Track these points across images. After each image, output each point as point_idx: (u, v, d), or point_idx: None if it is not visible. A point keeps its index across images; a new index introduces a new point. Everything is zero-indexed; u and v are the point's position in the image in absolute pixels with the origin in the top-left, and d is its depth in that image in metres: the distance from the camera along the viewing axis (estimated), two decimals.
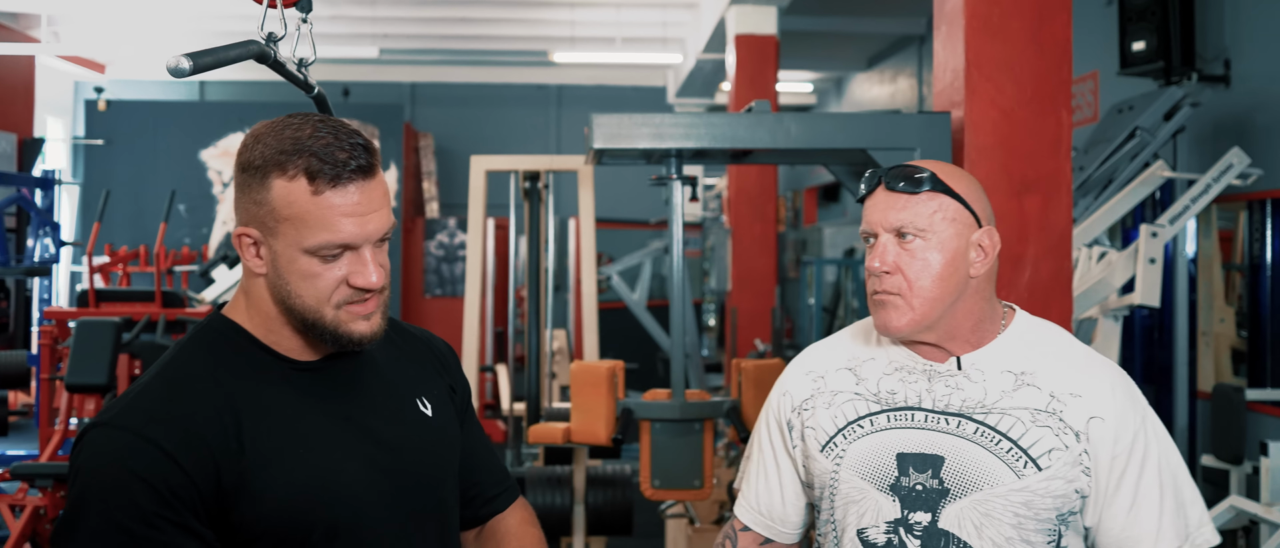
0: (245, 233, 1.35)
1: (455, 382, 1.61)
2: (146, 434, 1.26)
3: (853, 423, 1.60)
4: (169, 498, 1.24)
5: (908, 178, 1.54)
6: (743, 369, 3.16)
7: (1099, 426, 1.50)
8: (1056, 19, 3.23)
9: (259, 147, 1.33)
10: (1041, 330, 1.61)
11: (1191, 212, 4.41)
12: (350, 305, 1.35)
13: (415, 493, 1.42)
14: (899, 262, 1.53)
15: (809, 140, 3.10)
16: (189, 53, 1.52)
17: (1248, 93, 5.39)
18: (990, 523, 1.49)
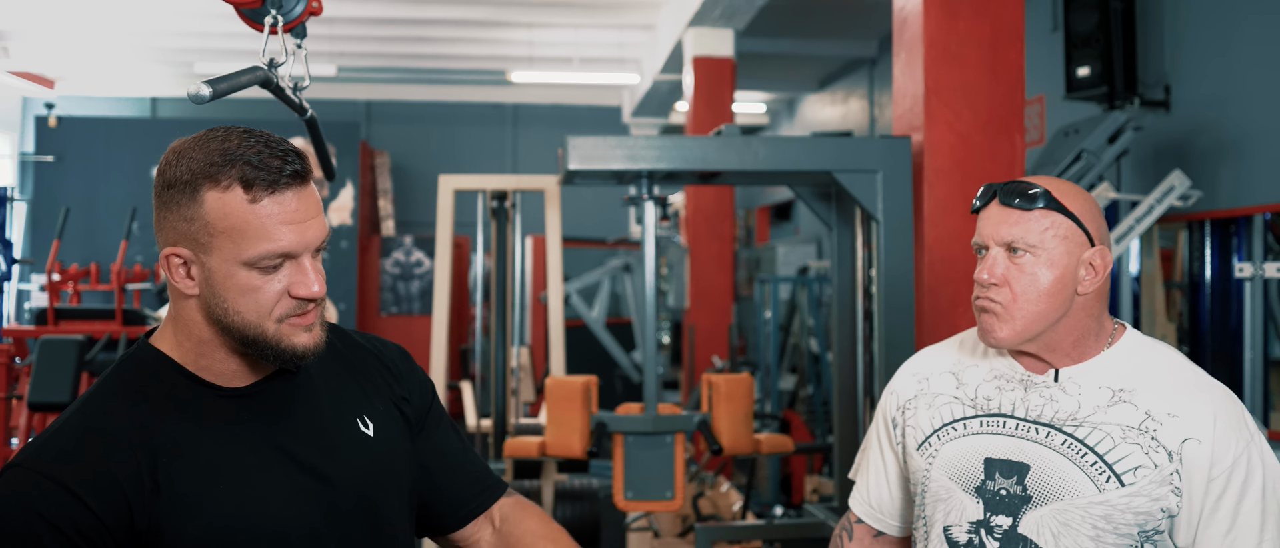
0: (174, 253, 1.29)
1: (409, 390, 1.55)
2: (55, 476, 1.22)
3: (948, 425, 1.66)
4: (77, 541, 1.21)
5: (1022, 194, 1.55)
6: (713, 383, 3.26)
7: (1194, 447, 1.50)
8: (1010, 48, 3.38)
9: (184, 161, 1.28)
10: (1149, 350, 1.62)
11: (1136, 232, 4.59)
12: (292, 318, 1.31)
13: (349, 519, 1.38)
14: (1008, 275, 1.56)
15: (776, 162, 3.22)
16: (208, 80, 1.61)
17: (1187, 117, 5.61)
18: (1067, 532, 1.52)
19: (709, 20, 7.91)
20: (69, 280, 8.00)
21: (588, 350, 8.89)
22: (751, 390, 3.26)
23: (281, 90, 1.99)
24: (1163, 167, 5.19)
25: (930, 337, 3.23)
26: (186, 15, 9.75)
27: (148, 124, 12.73)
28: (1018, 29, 3.38)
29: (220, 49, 10.93)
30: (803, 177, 3.41)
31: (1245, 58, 5.18)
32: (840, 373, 3.64)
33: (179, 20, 9.96)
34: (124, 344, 5.45)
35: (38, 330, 5.77)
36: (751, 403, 3.23)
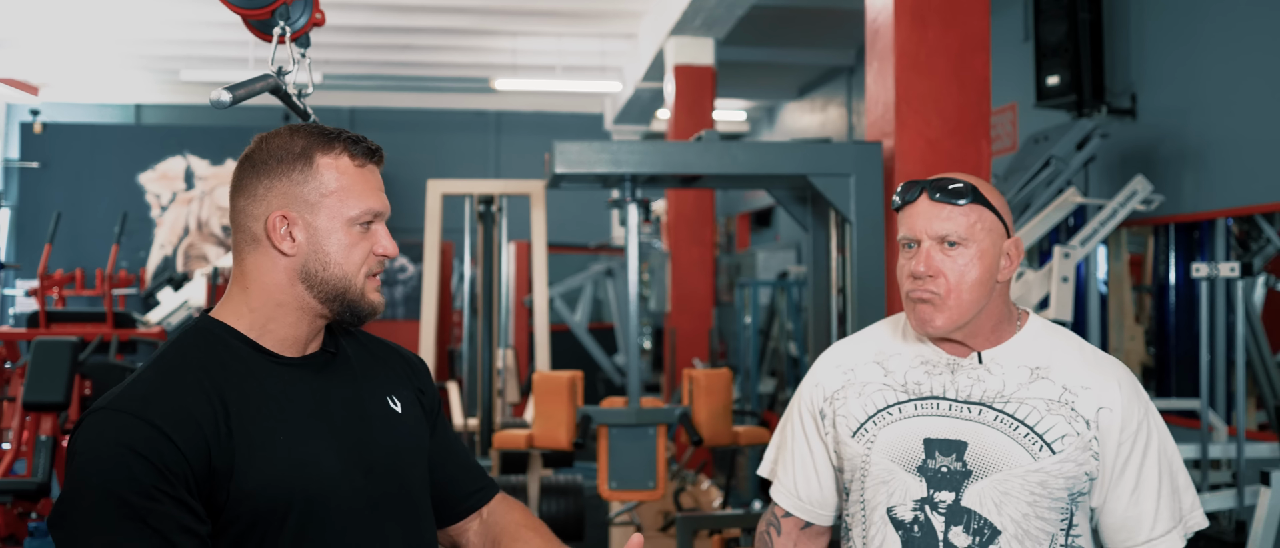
0: (282, 215, 1.47)
1: (424, 388, 1.71)
2: (144, 416, 1.35)
3: (882, 411, 1.73)
4: (165, 473, 1.33)
5: (953, 190, 1.66)
6: (693, 378, 3.40)
7: (1107, 415, 1.65)
8: (976, 58, 3.54)
9: (294, 139, 1.51)
10: (1053, 332, 1.76)
11: (1100, 234, 4.76)
12: (373, 277, 1.53)
13: (382, 481, 1.54)
14: (942, 267, 1.65)
15: (754, 166, 3.36)
16: (227, 86, 1.74)
17: (1153, 125, 5.79)
18: (1008, 501, 1.63)
19: (690, 30, 8.06)
20: (54, 286, 8.08)
21: (571, 354, 9.02)
22: (730, 385, 3.40)
23: (288, 97, 2.12)
24: (1129, 173, 5.35)
25: None
26: (171, 23, 9.83)
27: (132, 130, 12.80)
28: (984, 40, 3.54)
29: (204, 57, 11.01)
30: (779, 180, 3.56)
31: (1208, 68, 5.36)
32: None
33: (164, 27, 10.04)
34: (115, 346, 5.55)
35: (30, 333, 5.86)
36: (730, 397, 3.37)
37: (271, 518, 1.42)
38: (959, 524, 1.65)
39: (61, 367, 5.01)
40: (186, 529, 1.35)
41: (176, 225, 11.54)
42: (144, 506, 1.32)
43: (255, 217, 1.50)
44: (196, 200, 11.58)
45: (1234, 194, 5.16)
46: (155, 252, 11.50)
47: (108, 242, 10.01)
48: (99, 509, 1.32)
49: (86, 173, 11.41)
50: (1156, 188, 5.40)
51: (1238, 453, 3.75)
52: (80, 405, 5.57)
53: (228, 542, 1.41)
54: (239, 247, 1.53)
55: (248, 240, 1.51)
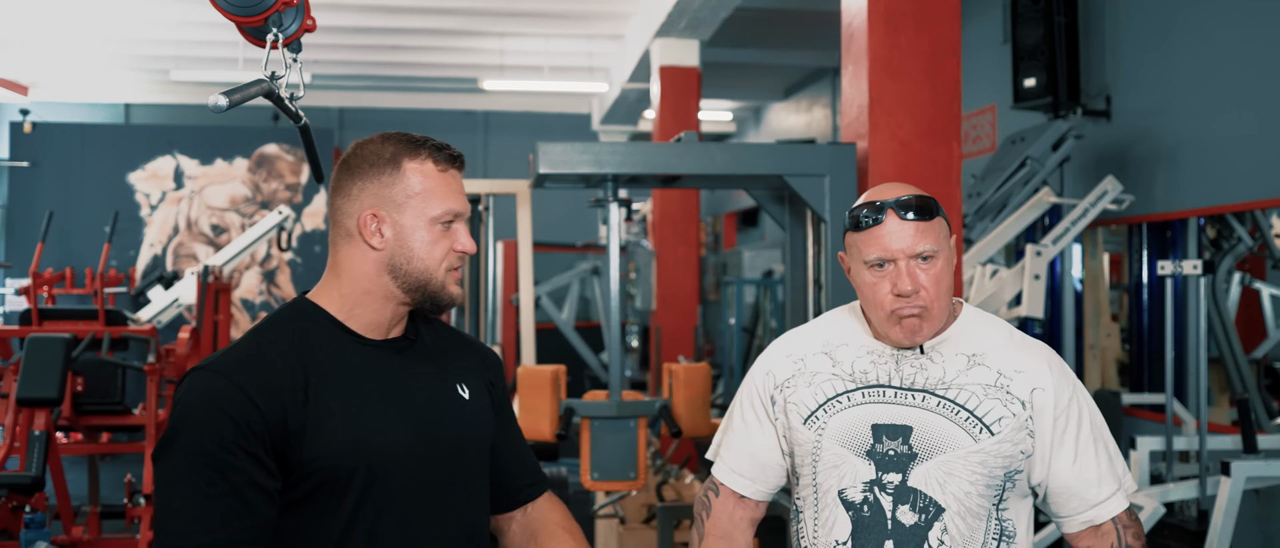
0: (372, 213, 1.66)
1: (494, 380, 1.87)
2: (233, 379, 1.56)
3: (832, 399, 1.82)
4: (246, 430, 1.54)
5: (920, 208, 1.74)
6: (673, 371, 3.51)
7: (1040, 395, 1.76)
8: (948, 62, 3.65)
9: (385, 146, 1.69)
10: (985, 320, 1.87)
11: (1072, 233, 4.88)
12: (453, 270, 1.70)
13: (445, 457, 1.70)
14: (923, 281, 1.73)
15: (732, 167, 3.47)
16: (223, 91, 1.84)
17: (1126, 126, 5.91)
18: (952, 480, 1.74)
19: (675, 31, 8.17)
20: (44, 284, 8.13)
21: (558, 352, 9.11)
22: (708, 378, 3.51)
23: (281, 100, 2.21)
24: (1104, 173, 5.47)
25: None
26: (161, 22, 9.89)
27: (122, 130, 12.85)
28: (955, 45, 3.65)
29: (194, 57, 11.08)
30: (756, 180, 3.67)
31: (1179, 71, 5.49)
32: None
33: (153, 27, 10.10)
34: (107, 343, 5.62)
35: (22, 330, 5.92)
36: (708, 390, 3.48)
37: (336, 482, 1.60)
38: (906, 503, 1.75)
39: (55, 363, 5.08)
40: (257, 485, 1.55)
41: (166, 225, 11.60)
42: (223, 458, 1.53)
43: (350, 214, 1.69)
44: (186, 200, 11.63)
45: (1205, 194, 5.28)
46: (145, 251, 11.55)
47: (97, 241, 10.06)
48: (187, 454, 1.55)
49: (76, 172, 11.44)
50: (1130, 188, 5.52)
51: (1201, 445, 3.87)
52: (72, 402, 5.63)
53: (297, 498, 1.60)
54: (335, 240, 1.72)
55: (342, 235, 1.70)
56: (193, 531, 1.53)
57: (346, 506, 1.61)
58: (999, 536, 1.77)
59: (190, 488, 1.53)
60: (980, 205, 5.57)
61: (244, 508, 1.55)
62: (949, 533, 1.74)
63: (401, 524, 1.65)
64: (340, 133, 14.05)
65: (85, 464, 6.17)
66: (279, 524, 1.60)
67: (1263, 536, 4.68)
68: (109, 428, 6.20)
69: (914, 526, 1.75)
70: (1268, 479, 3.81)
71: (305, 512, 1.61)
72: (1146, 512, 3.75)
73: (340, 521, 1.61)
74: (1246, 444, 3.77)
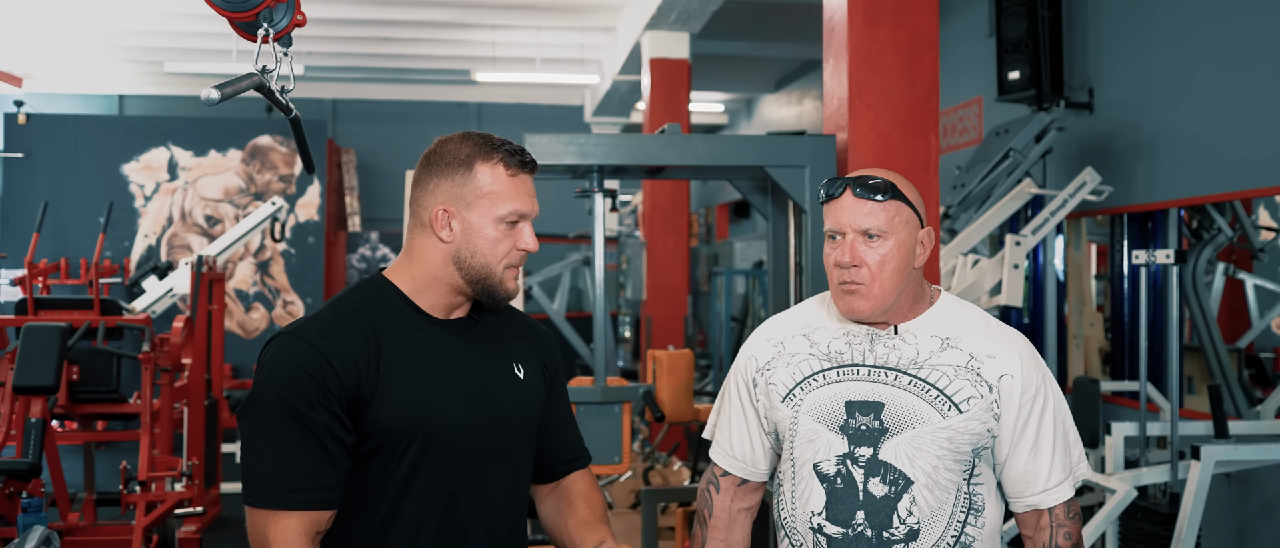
0: (444, 209, 1.79)
1: (548, 362, 2.01)
2: (315, 343, 1.72)
3: (809, 378, 1.91)
4: (325, 390, 1.69)
5: (873, 187, 1.83)
6: (657, 358, 3.59)
7: (1009, 382, 1.84)
8: (926, 56, 3.73)
9: (463, 146, 1.81)
10: (962, 308, 1.95)
11: (1051, 223, 4.96)
12: (511, 268, 1.83)
13: (496, 431, 1.84)
14: (865, 257, 1.83)
15: (714, 158, 3.55)
16: (216, 85, 1.91)
17: (1109, 119, 5.99)
18: (920, 454, 1.82)
19: (665, 24, 8.24)
20: (40, 275, 8.20)
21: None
22: (691, 365, 3.59)
23: (272, 93, 2.28)
24: (1086, 164, 5.54)
25: None
26: (154, 15, 9.94)
27: (116, 121, 12.90)
28: (933, 39, 3.73)
29: (187, 48, 11.13)
30: (739, 171, 3.74)
31: (1160, 64, 5.57)
32: None
33: (146, 19, 10.15)
34: (102, 332, 5.69)
35: (18, 320, 5.99)
36: (691, 376, 3.57)
37: (398, 443, 1.75)
38: (877, 476, 1.84)
39: (51, 351, 5.15)
40: (335, 437, 1.71)
41: (160, 215, 11.66)
42: (306, 413, 1.69)
43: (425, 207, 1.82)
44: (180, 191, 11.69)
45: (1184, 185, 5.36)
46: (139, 241, 11.61)
47: (91, 231, 10.13)
48: (275, 409, 1.69)
49: (70, 163, 11.50)
50: (1111, 179, 5.60)
51: (1172, 430, 3.96)
52: (67, 390, 5.70)
53: (362, 456, 1.75)
54: (411, 227, 1.87)
55: (418, 224, 1.84)
56: (284, 476, 1.68)
57: (404, 466, 1.76)
58: (968, 509, 1.85)
59: (278, 440, 1.69)
60: (965, 196, 5.65)
61: (327, 457, 1.70)
62: (917, 505, 1.83)
63: (451, 487, 1.80)
64: (333, 124, 14.11)
65: (81, 452, 6.23)
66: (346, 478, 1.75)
67: (1237, 520, 4.77)
68: (104, 416, 6.27)
69: (884, 497, 1.84)
70: (1237, 463, 3.91)
71: (367, 469, 1.76)
72: (1119, 495, 3.84)
73: (398, 479, 1.76)
74: (1218, 429, 3.86)
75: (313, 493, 1.69)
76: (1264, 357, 6.61)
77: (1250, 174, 4.88)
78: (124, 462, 5.42)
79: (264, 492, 1.69)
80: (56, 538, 2.74)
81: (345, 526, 1.78)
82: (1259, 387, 6.13)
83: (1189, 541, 3.65)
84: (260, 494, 1.69)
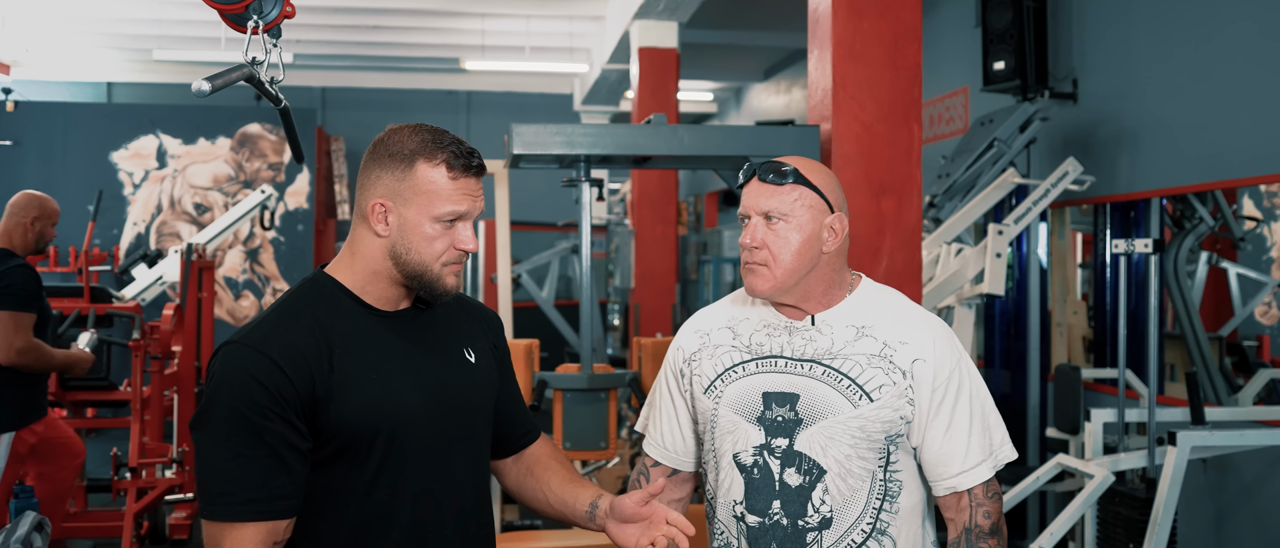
0: (381, 202, 1.77)
1: (497, 343, 2.02)
2: (264, 350, 1.69)
3: (729, 369, 1.96)
4: (278, 397, 1.67)
5: (775, 171, 1.89)
6: (642, 345, 3.64)
7: (921, 366, 1.88)
8: (909, 47, 3.77)
9: (410, 140, 1.78)
10: (880, 294, 1.99)
11: (1033, 212, 5.01)
12: (450, 265, 1.81)
13: (455, 417, 1.85)
14: (766, 238, 1.88)
15: (699, 148, 3.59)
16: (206, 76, 1.95)
17: (1092, 109, 6.05)
18: (833, 444, 1.86)
19: (654, 13, 8.26)
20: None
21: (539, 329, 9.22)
22: None
23: (262, 84, 2.32)
24: (1070, 154, 5.60)
25: None
26: (142, 2, 9.92)
27: (105, 109, 12.87)
28: (916, 30, 3.77)
29: (176, 36, 11.12)
30: (724, 161, 3.79)
31: (1143, 54, 5.62)
32: None
33: (135, 7, 10.14)
34: (92, 320, 5.72)
35: None
36: None
37: (361, 441, 1.74)
38: (792, 466, 1.89)
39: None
40: (291, 445, 1.69)
41: (149, 203, 11.66)
42: (259, 422, 1.67)
43: (365, 198, 1.81)
44: (169, 179, 11.69)
45: (1166, 175, 5.42)
46: (128, 229, 11.61)
47: (81, 219, 10.12)
48: (226, 421, 1.67)
49: (59, 151, 11.49)
50: (1095, 169, 5.66)
51: (1150, 416, 4.02)
52: (58, 378, 5.73)
53: (325, 458, 1.74)
54: (354, 219, 1.85)
55: (359, 216, 1.83)
56: (238, 487, 1.66)
57: (370, 464, 1.76)
58: (883, 495, 1.89)
59: (231, 452, 1.67)
60: (950, 185, 5.70)
61: (282, 467, 1.68)
62: (830, 493, 1.87)
63: (419, 479, 1.80)
64: (322, 112, 14.10)
65: None
66: (310, 482, 1.74)
67: (1215, 506, 4.85)
68: (95, 403, 6.29)
69: (799, 486, 1.88)
70: (1213, 449, 3.97)
71: (333, 470, 1.75)
72: (1097, 480, 3.90)
73: (364, 477, 1.76)
74: (1194, 416, 3.93)
75: (268, 503, 1.67)
76: (1247, 344, 6.70)
77: (1231, 164, 4.93)
78: (114, 449, 5.45)
79: (219, 504, 1.67)
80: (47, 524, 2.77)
81: (312, 529, 1.77)
82: (1241, 374, 6.21)
83: (1165, 525, 3.72)
84: (215, 506, 1.67)
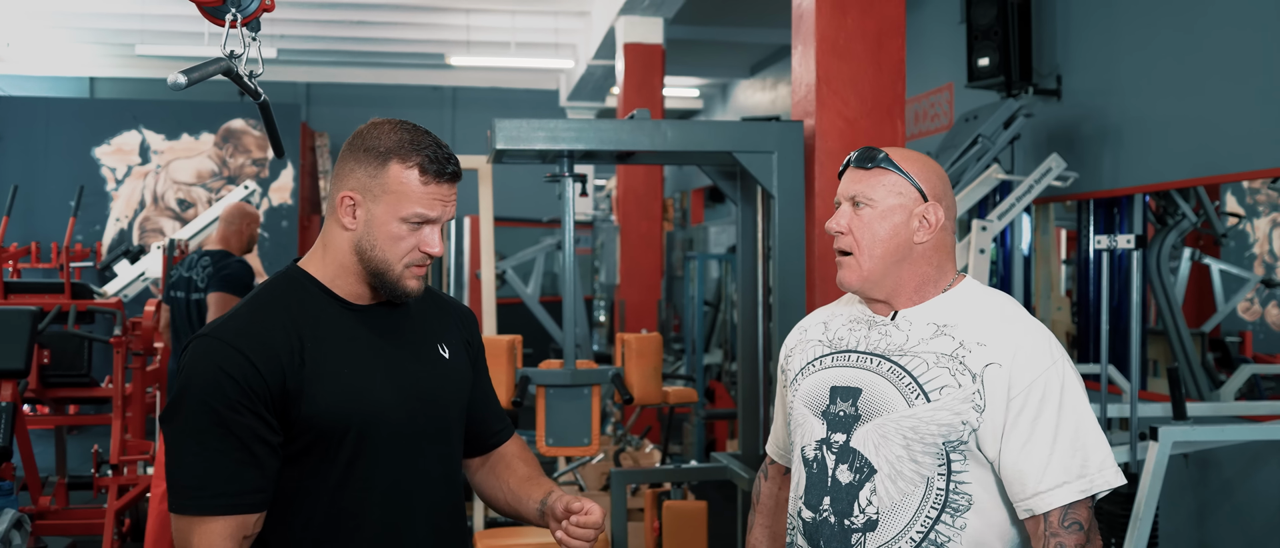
0: (349, 196, 1.76)
1: (471, 339, 2.00)
2: (234, 343, 1.68)
3: (810, 363, 1.91)
4: (248, 391, 1.66)
5: (867, 157, 1.81)
6: (626, 341, 3.63)
7: (995, 371, 1.71)
8: (892, 42, 3.78)
9: (388, 137, 1.76)
10: (979, 295, 1.83)
11: (1017, 208, 5.02)
12: (413, 268, 1.79)
13: (428, 413, 1.83)
14: (851, 224, 1.80)
15: (684, 144, 3.58)
16: (183, 70, 1.92)
17: (1076, 105, 6.06)
18: (885, 443, 1.76)
19: (639, 9, 8.25)
20: (10, 258, 8.15)
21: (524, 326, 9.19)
22: (660, 349, 3.63)
23: (240, 78, 2.30)
24: (1053, 151, 5.60)
25: (820, 302, 3.62)
26: None
27: (87, 104, 12.80)
28: (899, 26, 3.77)
29: (159, 31, 11.05)
30: (707, 157, 3.78)
31: (1126, 51, 5.64)
32: (744, 339, 4.02)
33: (118, 1, 10.08)
34: (73, 316, 5.68)
35: None
36: (660, 359, 3.61)
37: (332, 436, 1.73)
38: (845, 463, 1.81)
39: (22, 335, 5.13)
40: (261, 439, 1.68)
41: (132, 199, 11.59)
42: (229, 416, 1.66)
43: (337, 190, 1.80)
44: (152, 174, 11.62)
45: (1150, 171, 5.44)
46: (111, 225, 11.55)
47: (62, 215, 10.06)
48: (196, 414, 1.66)
49: (41, 147, 11.43)
50: (1078, 165, 5.67)
51: (1132, 411, 4.04)
52: (38, 374, 5.69)
53: (295, 452, 1.72)
54: (327, 211, 1.84)
55: (330, 208, 1.82)
56: (207, 481, 1.65)
57: (341, 459, 1.74)
58: (942, 506, 1.75)
59: (201, 446, 1.66)
60: None
61: (252, 460, 1.67)
62: (877, 495, 1.77)
63: (390, 474, 1.78)
64: (307, 108, 14.05)
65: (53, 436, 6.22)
66: (280, 476, 1.73)
67: (1197, 501, 4.87)
68: (76, 400, 6.26)
69: (849, 485, 1.80)
70: (1194, 444, 3.98)
71: (303, 465, 1.74)
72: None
73: (336, 472, 1.74)
74: (1176, 411, 3.94)
75: (237, 497, 1.66)
76: (1229, 341, 6.72)
77: (1214, 160, 4.95)
78: (96, 446, 5.42)
79: (188, 498, 1.65)
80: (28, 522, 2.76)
81: (282, 523, 1.75)
82: (1224, 370, 6.23)
83: (1146, 519, 3.73)
84: (184, 500, 1.65)
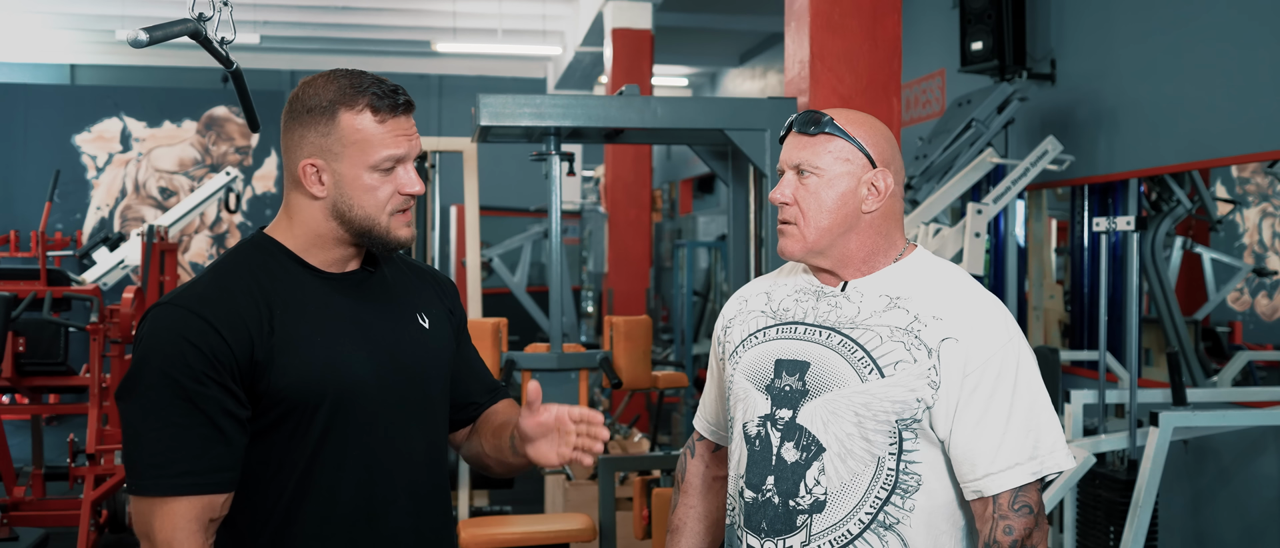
0: (310, 163, 1.63)
1: (453, 309, 1.90)
2: (198, 311, 1.57)
3: (752, 335, 1.80)
4: (212, 360, 1.54)
5: (810, 121, 1.70)
6: (614, 324, 3.53)
7: (951, 346, 1.63)
8: (888, 19, 3.69)
9: (325, 90, 1.63)
10: (930, 265, 1.75)
11: (1012, 192, 4.95)
12: (399, 214, 1.67)
13: (406, 385, 1.72)
14: (796, 195, 1.70)
15: (674, 121, 3.48)
16: (145, 27, 1.82)
17: (1070, 89, 5.99)
18: (835, 420, 1.66)
19: None
20: None
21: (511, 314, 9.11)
22: (649, 332, 3.54)
23: (209, 42, 2.20)
24: (1047, 135, 5.53)
25: None
26: None
27: (67, 91, 12.64)
28: (895, 2, 3.68)
29: (140, 16, 10.89)
30: (698, 135, 3.68)
31: (1120, 34, 5.56)
32: None
33: None
34: (48, 303, 5.56)
35: None
36: (649, 343, 3.51)
37: (304, 409, 1.62)
38: (791, 440, 1.70)
39: None
40: (227, 412, 1.57)
41: (113, 187, 11.44)
42: (193, 388, 1.54)
43: (293, 161, 1.67)
44: (133, 162, 11.47)
45: (1145, 155, 5.37)
46: (92, 213, 11.40)
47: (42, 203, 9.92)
48: (157, 387, 1.54)
49: (20, 134, 11.27)
50: (1073, 150, 5.59)
51: (1131, 397, 3.96)
52: (13, 362, 5.57)
53: (265, 426, 1.62)
54: (286, 183, 1.71)
55: (290, 180, 1.69)
56: (171, 459, 1.53)
57: (313, 433, 1.63)
58: (892, 486, 1.67)
59: (163, 420, 1.54)
60: (927, 167, 5.63)
61: (219, 436, 1.56)
62: (825, 475, 1.68)
63: (367, 449, 1.68)
64: None
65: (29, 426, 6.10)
66: (247, 452, 1.61)
67: (1193, 487, 4.81)
68: (53, 389, 6.14)
69: (794, 463, 1.70)
70: (1194, 430, 3.91)
71: (273, 439, 1.63)
72: (1078, 462, 3.83)
73: (307, 447, 1.63)
74: (1176, 396, 3.86)
75: (204, 475, 1.55)
76: (1220, 330, 6.67)
77: (1209, 145, 4.88)
78: (72, 435, 5.30)
79: (149, 478, 1.53)
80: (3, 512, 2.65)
81: (249, 503, 1.64)
82: (1215, 359, 6.17)
83: (1146, 506, 3.66)
84: (145, 481, 1.53)
